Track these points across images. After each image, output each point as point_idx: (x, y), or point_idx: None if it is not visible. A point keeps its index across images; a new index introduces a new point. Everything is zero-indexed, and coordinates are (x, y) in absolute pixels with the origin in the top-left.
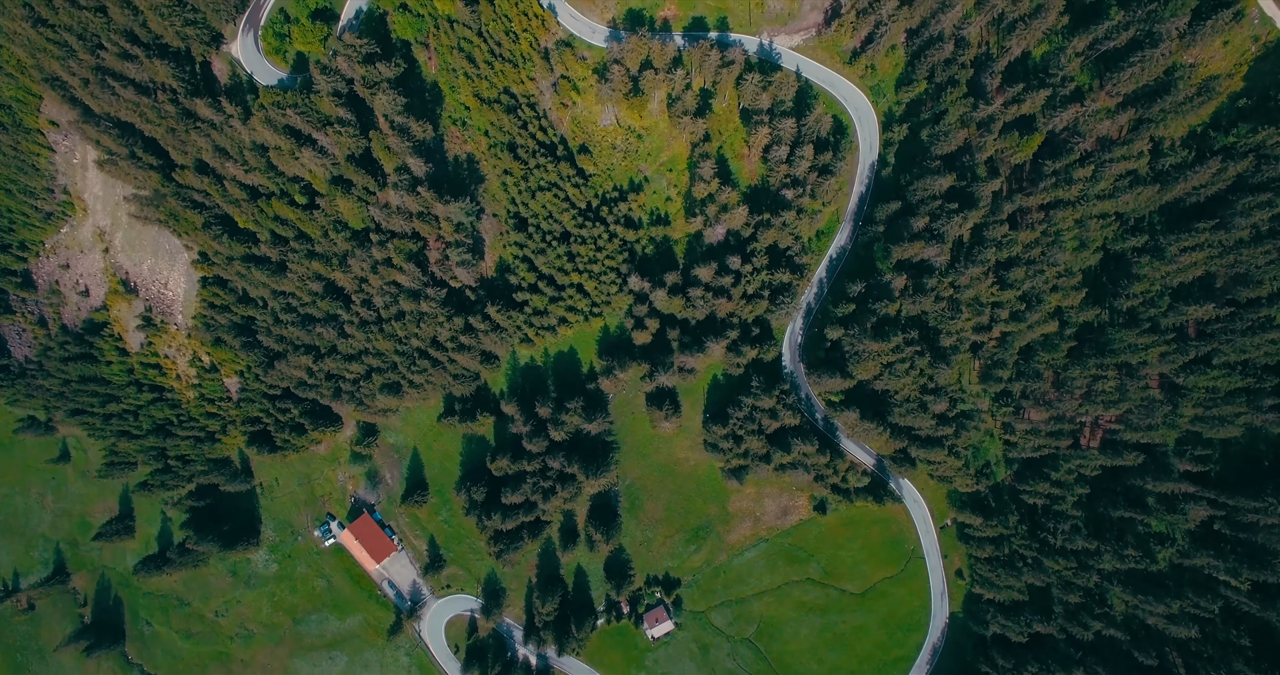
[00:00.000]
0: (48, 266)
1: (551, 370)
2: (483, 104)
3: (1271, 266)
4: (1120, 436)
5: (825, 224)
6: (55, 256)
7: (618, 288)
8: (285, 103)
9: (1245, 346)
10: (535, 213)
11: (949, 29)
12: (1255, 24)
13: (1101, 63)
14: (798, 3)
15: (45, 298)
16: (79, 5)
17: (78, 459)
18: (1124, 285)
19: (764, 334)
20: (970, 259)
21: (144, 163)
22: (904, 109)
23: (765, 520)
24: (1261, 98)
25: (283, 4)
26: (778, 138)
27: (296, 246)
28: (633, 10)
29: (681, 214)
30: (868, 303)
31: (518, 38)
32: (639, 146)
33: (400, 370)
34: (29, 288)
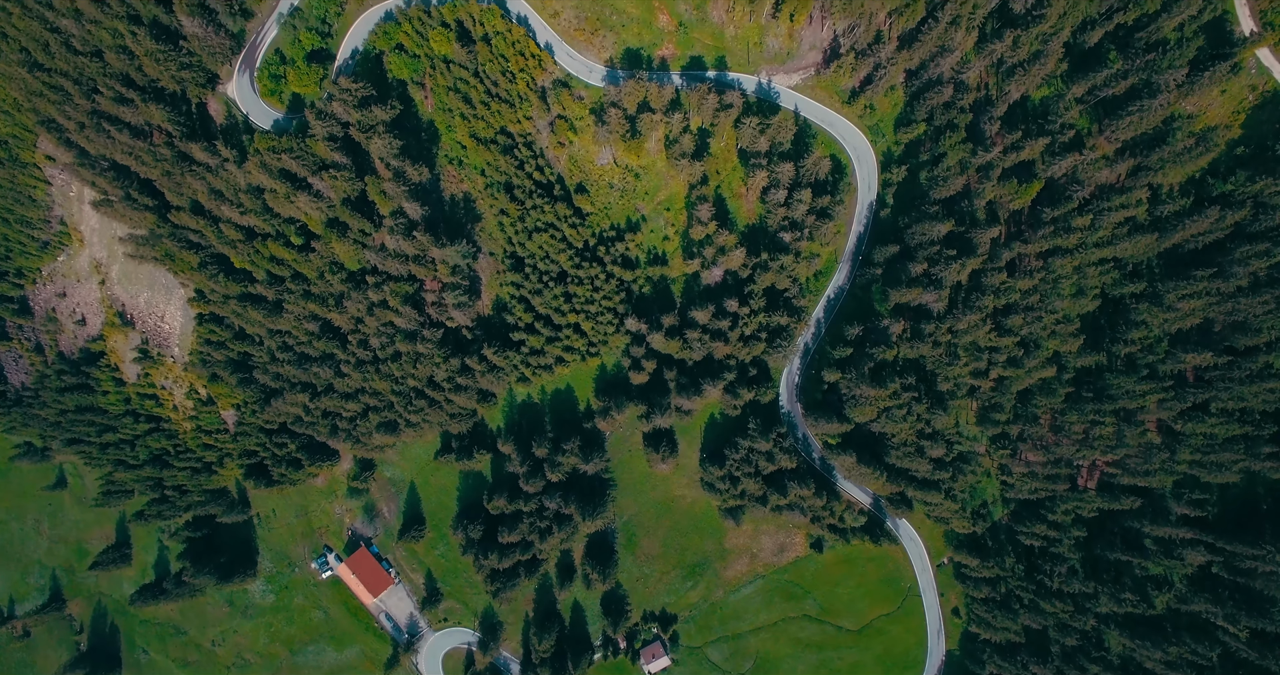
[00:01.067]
0: (44, 293)
1: (548, 407)
2: (479, 144)
3: (1270, 316)
4: (1117, 480)
5: (823, 264)
6: (52, 284)
7: (614, 328)
8: (280, 147)
9: (1243, 394)
10: (532, 253)
11: (948, 72)
12: (1252, 74)
13: (1101, 108)
14: (796, 42)
15: (42, 325)
16: (75, 51)
17: (74, 486)
18: (1122, 331)
19: (761, 375)
20: (968, 305)
21: (139, 204)
22: (903, 149)
23: (762, 557)
24: (1259, 146)
25: (278, 45)
26: (775, 181)
27: (292, 286)
28: (630, 49)
29: (679, 253)
30: (865, 347)
31: (514, 78)
32: (636, 185)
33: (397, 409)
34: (25, 314)
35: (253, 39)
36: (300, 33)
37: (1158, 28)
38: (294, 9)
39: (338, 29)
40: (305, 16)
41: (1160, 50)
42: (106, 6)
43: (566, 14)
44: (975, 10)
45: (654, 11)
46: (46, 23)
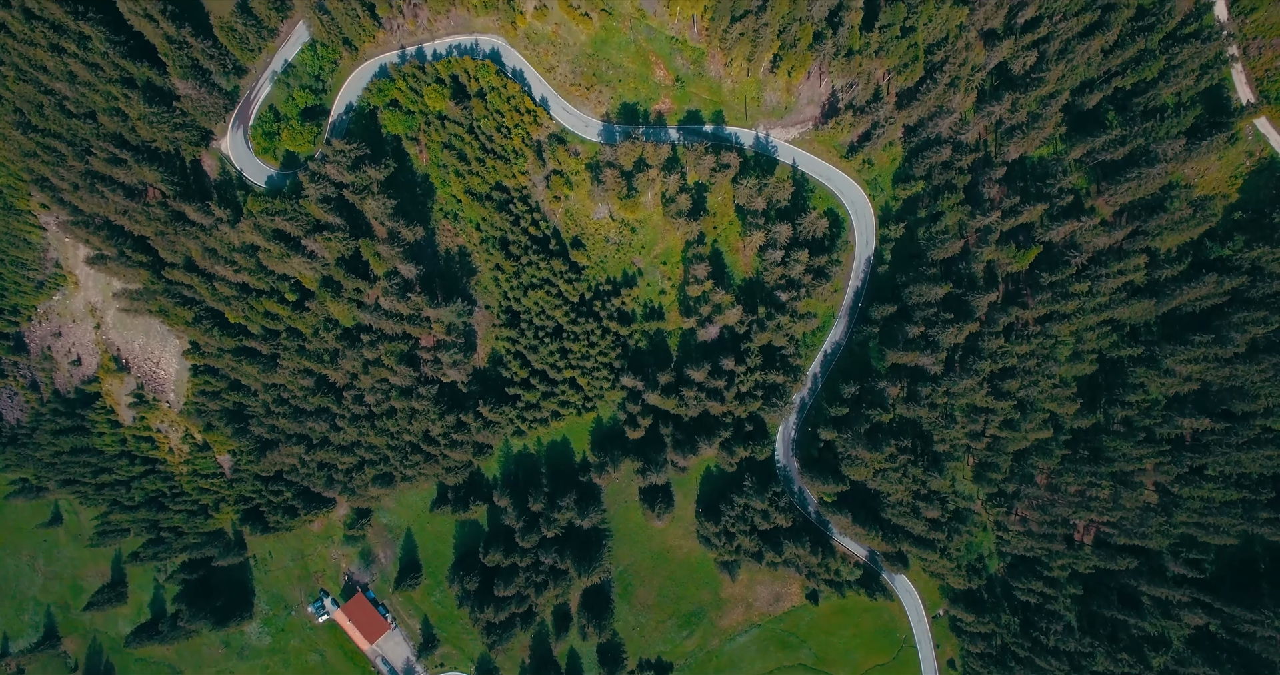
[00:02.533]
0: (40, 331)
1: (545, 458)
2: (474, 199)
3: (1267, 383)
4: (1114, 539)
5: (820, 319)
6: (48, 322)
7: (610, 384)
8: (274, 209)
9: (1240, 460)
10: (528, 308)
11: (946, 132)
12: (1249, 140)
13: (1100, 169)
14: (794, 97)
15: (37, 363)
16: (69, 113)
17: (70, 522)
18: (1119, 393)
19: (757, 431)
20: (965, 369)
21: (133, 261)
22: (901, 205)
23: (757, 606)
24: (1257, 212)
25: (272, 101)
26: (773, 240)
27: (287, 342)
28: (627, 104)
29: (675, 307)
30: (861, 407)
31: (509, 133)
32: (632, 239)
33: (393, 463)
34: (21, 352)
35: (247, 95)
36: (294, 90)
37: (1156, 94)
38: (287, 66)
39: (331, 84)
40: (298, 74)
41: (1159, 117)
42: (100, 70)
43: (562, 68)
44: (974, 73)
45: (650, 66)
46: (41, 86)
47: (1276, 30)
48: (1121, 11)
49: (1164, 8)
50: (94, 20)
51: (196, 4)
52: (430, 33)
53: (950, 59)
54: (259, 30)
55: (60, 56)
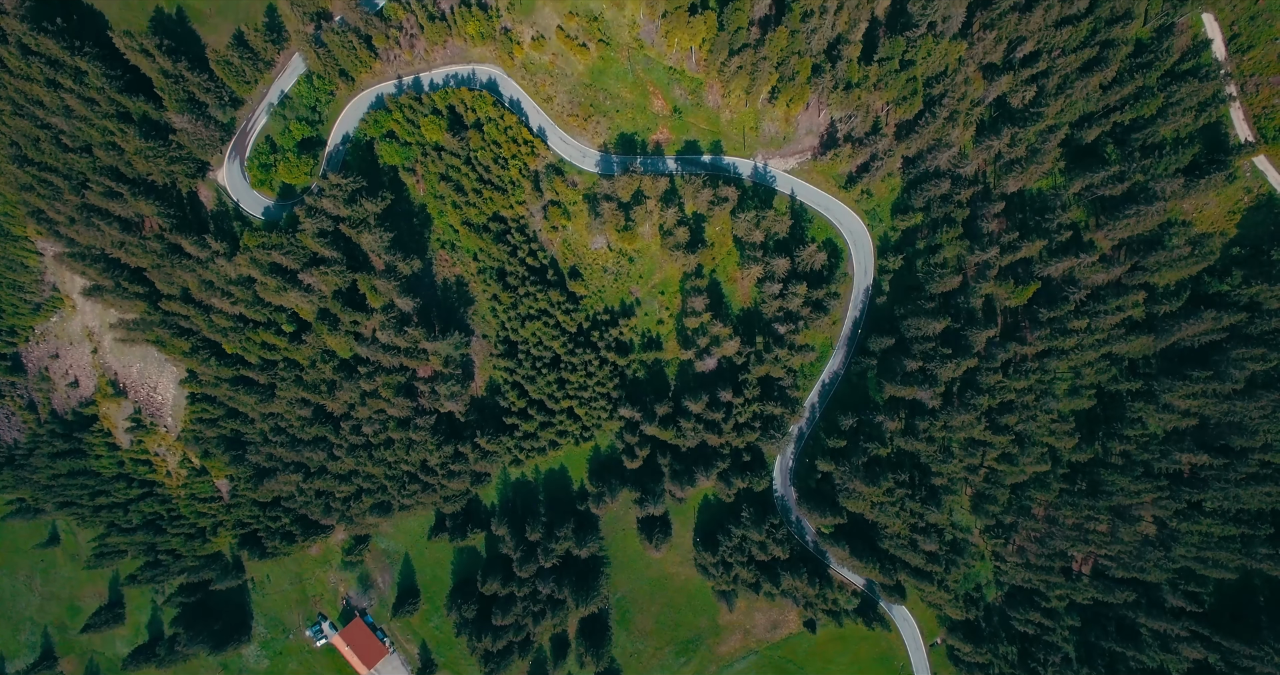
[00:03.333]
0: (37, 352)
1: (542, 486)
2: (471, 230)
3: (1266, 420)
4: (1112, 572)
5: (819, 349)
6: (45, 343)
7: (608, 414)
8: (270, 243)
9: (1240, 496)
10: (525, 339)
11: (945, 165)
12: (1247, 176)
13: (1099, 203)
14: (792, 127)
15: (35, 383)
16: (65, 147)
17: (67, 542)
18: (1118, 428)
19: (755, 461)
20: (963, 405)
21: (129, 292)
22: (900, 235)
23: (755, 633)
24: (1255, 248)
25: (269, 132)
26: (771, 273)
27: (284, 373)
28: (624, 134)
29: (673, 336)
30: (859, 440)
31: (506, 164)
32: (630, 269)
33: (390, 492)
34: (18, 372)
35: (243, 126)
36: (290, 123)
37: (1154, 130)
38: (283, 97)
39: (328, 115)
40: (294, 106)
41: (1157, 154)
42: (96, 105)
43: (560, 98)
44: (973, 107)
45: (648, 96)
46: (37, 120)
47: (1273, 68)
48: (1120, 48)
49: (1162, 45)
50: (90, 55)
51: (192, 37)
52: (427, 63)
53: (949, 93)
54: (255, 62)
55: (56, 91)
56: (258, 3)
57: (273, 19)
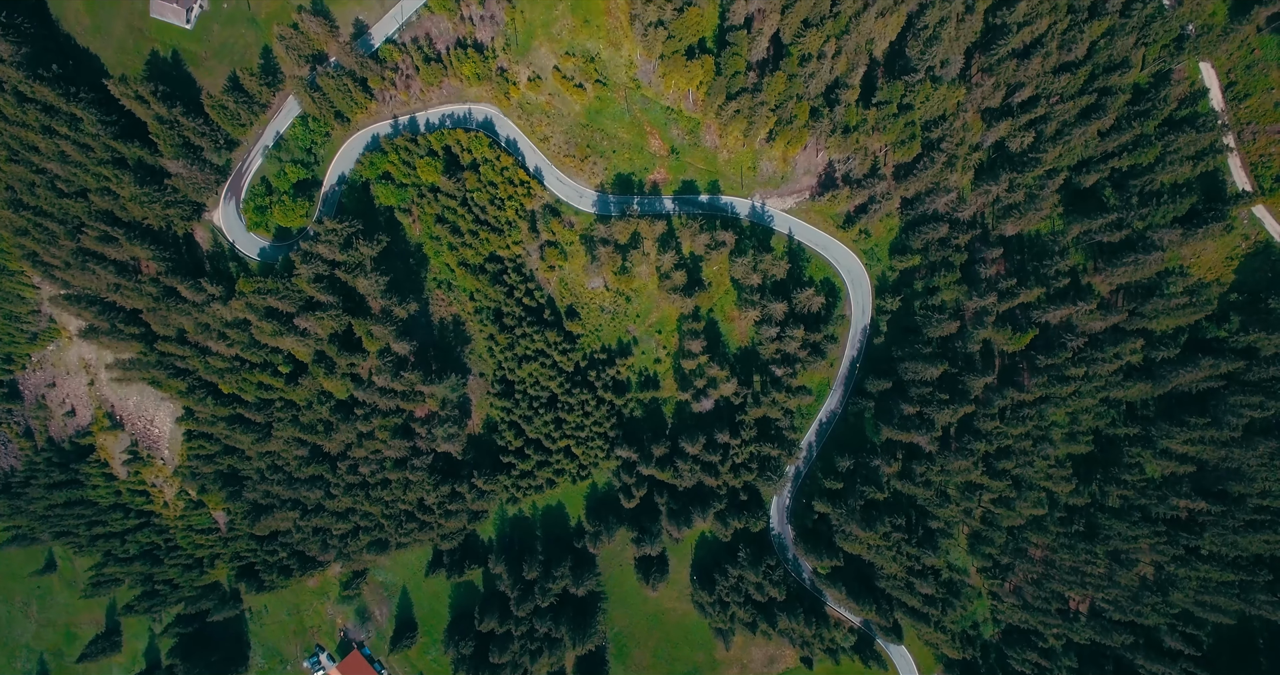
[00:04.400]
0: (34, 380)
1: (540, 521)
2: (468, 271)
3: (1264, 468)
4: (1109, 614)
5: (816, 388)
6: (41, 371)
7: (605, 454)
8: (265, 288)
9: (1237, 542)
10: (522, 379)
11: (943, 208)
12: (1245, 224)
13: (1097, 247)
14: (790, 166)
15: (31, 411)
16: (60, 193)
17: (64, 569)
18: (1115, 472)
19: (752, 501)
20: (960, 451)
21: (125, 334)
22: (898, 276)
23: (752, 668)
24: (1253, 296)
25: (264, 173)
26: (768, 317)
27: (281, 413)
28: (621, 174)
29: (671, 374)
30: (856, 482)
31: (503, 205)
32: (627, 308)
33: (387, 530)
34: (15, 399)
35: (239, 167)
36: (285, 165)
37: (1152, 178)
38: (279, 139)
39: (323, 155)
40: (290, 148)
41: (1155, 201)
42: (91, 151)
43: (556, 138)
44: (971, 152)
45: (645, 136)
46: (32, 165)
47: (1270, 117)
48: (1118, 96)
49: (1160, 93)
50: (85, 101)
51: (188, 79)
52: (423, 103)
53: (947, 137)
54: (250, 106)
55: (51, 137)
56: (253, 45)
57: (268, 61)
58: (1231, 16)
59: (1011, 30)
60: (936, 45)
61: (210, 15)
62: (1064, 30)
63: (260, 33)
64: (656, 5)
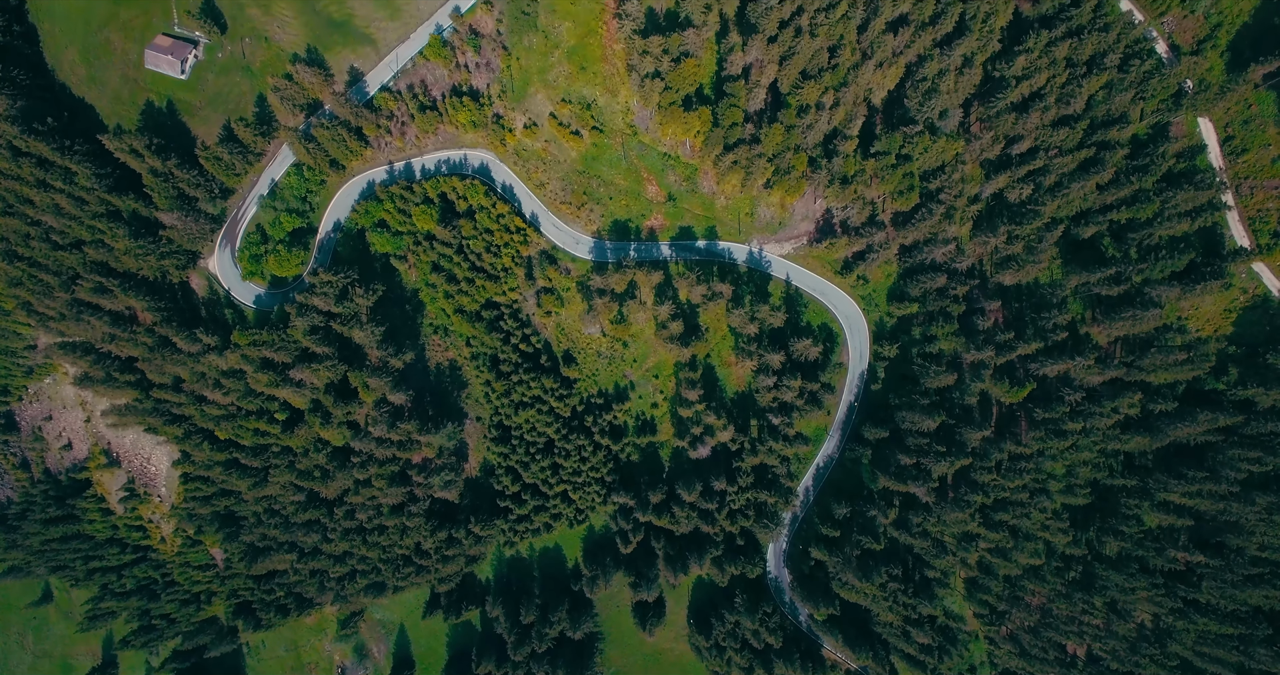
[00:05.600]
0: (31, 412)
1: (537, 563)
2: (464, 318)
3: (1262, 523)
4: (1107, 664)
5: (813, 432)
6: (38, 403)
7: (601, 499)
8: (261, 340)
9: (1236, 596)
10: (519, 425)
11: (940, 258)
12: (1243, 277)
13: (1096, 299)
14: (788, 212)
15: (28, 443)
16: (55, 245)
17: (60, 600)
18: (1112, 523)
19: (749, 545)
20: (957, 502)
21: (120, 382)
22: (895, 322)
23: None
24: (1250, 350)
25: (259, 221)
26: (765, 367)
27: (278, 460)
28: (618, 221)
29: (668, 418)
30: (852, 530)
31: (499, 252)
32: (624, 353)
33: (384, 574)
34: (11, 431)
35: (234, 214)
36: (280, 215)
37: (1151, 233)
38: (273, 187)
39: (318, 202)
40: (284, 197)
41: (1153, 256)
42: (85, 204)
43: (553, 185)
44: (970, 204)
45: (642, 182)
46: (27, 218)
47: (1267, 172)
48: (1116, 151)
49: (1158, 149)
50: (79, 154)
51: (182, 129)
52: (419, 149)
53: (946, 189)
54: (245, 155)
55: (46, 191)
56: (248, 94)
57: (263, 109)
58: (1228, 71)
59: (1010, 84)
60: (935, 97)
61: (205, 65)
62: (1062, 84)
63: (255, 81)
64: (653, 57)
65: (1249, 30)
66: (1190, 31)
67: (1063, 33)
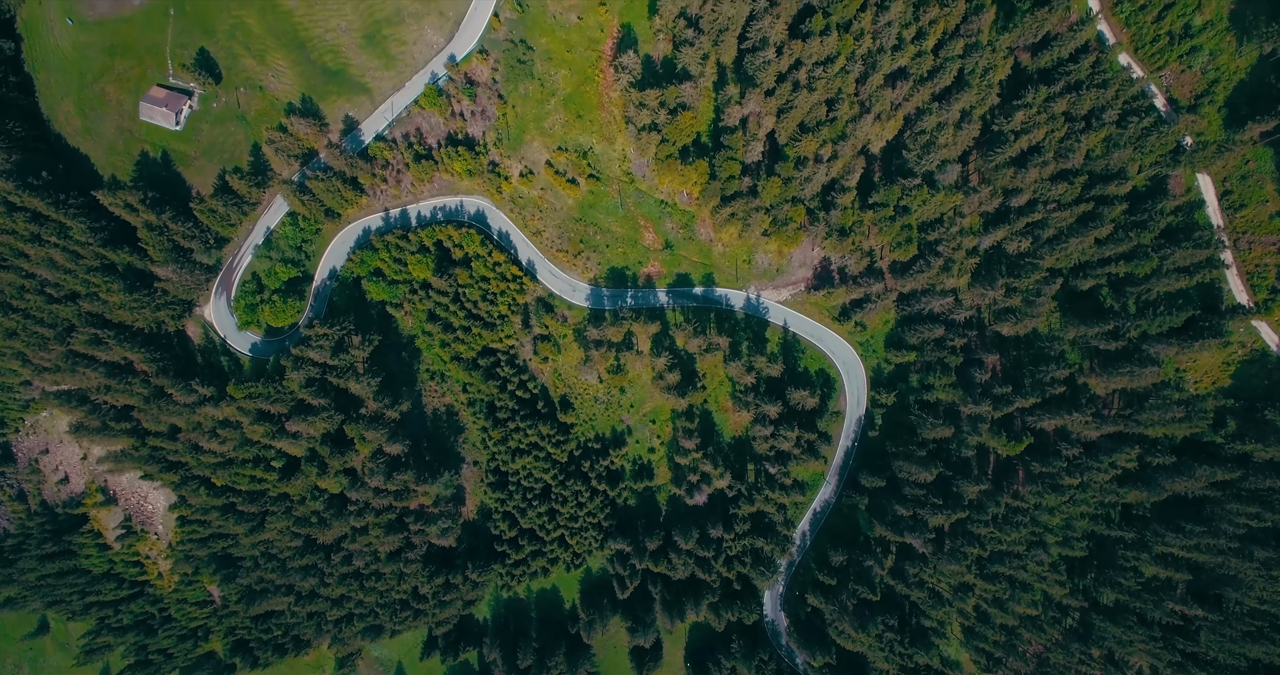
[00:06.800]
0: (27, 444)
1: (534, 604)
2: (460, 366)
3: (1261, 578)
4: None
5: (810, 478)
6: (35, 436)
7: (599, 544)
8: (256, 393)
9: (1235, 651)
10: (515, 471)
11: (938, 309)
12: (1241, 331)
13: (1095, 350)
14: (786, 259)
15: (25, 474)
16: (50, 298)
17: (57, 631)
18: (1110, 574)
19: (746, 590)
20: (953, 554)
21: (116, 430)
22: (893, 369)
23: None
24: (1249, 404)
25: (254, 269)
26: (762, 417)
27: (274, 508)
28: (615, 268)
29: (665, 462)
30: (849, 579)
31: (495, 299)
32: (621, 399)
33: (382, 617)
34: (8, 462)
35: (229, 262)
36: (275, 265)
37: (1149, 288)
38: (269, 236)
39: (314, 250)
40: (279, 247)
41: (1152, 312)
42: (80, 258)
43: (549, 233)
44: (968, 257)
45: (639, 230)
46: (21, 271)
47: (1265, 228)
48: (1115, 206)
49: (1156, 206)
50: (74, 208)
51: (177, 179)
52: (414, 196)
53: (944, 241)
54: (240, 206)
55: (40, 246)
56: (243, 143)
57: (258, 158)
58: (1226, 127)
59: (1009, 139)
60: (934, 150)
61: (200, 115)
62: (1061, 139)
63: (250, 130)
64: (649, 110)
65: (1245, 87)
66: (1188, 86)
67: (1061, 88)
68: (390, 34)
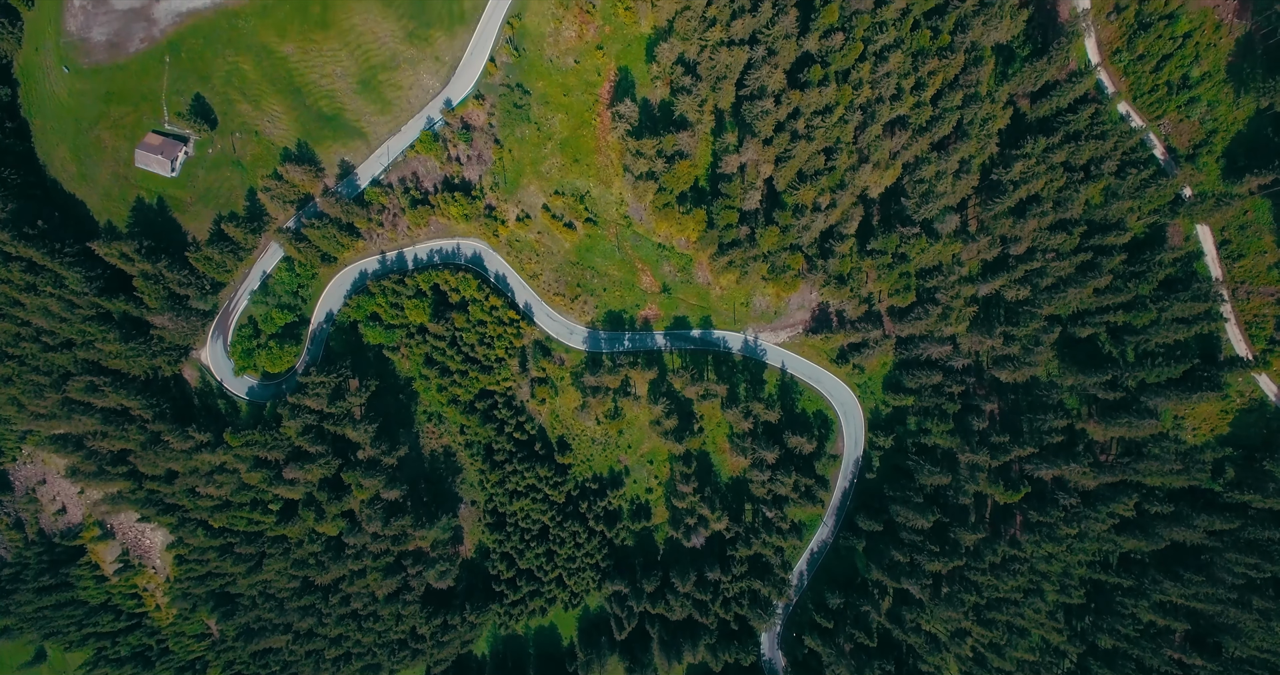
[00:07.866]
0: (25, 472)
1: (532, 641)
2: (457, 409)
3: (1260, 628)
4: None
5: (808, 519)
6: (32, 465)
7: (596, 584)
8: (253, 440)
9: None
10: (513, 512)
11: (936, 355)
12: (1239, 381)
13: (1093, 399)
14: (784, 302)
15: (22, 503)
16: (45, 346)
17: (55, 661)
18: (1108, 621)
19: (743, 630)
20: (951, 601)
21: (112, 474)
22: (891, 411)
23: None
24: (1248, 453)
25: (251, 313)
26: (759, 462)
27: (271, 550)
28: (612, 312)
29: (662, 503)
30: (845, 623)
31: (492, 343)
32: (619, 440)
33: (379, 657)
34: (6, 490)
35: (225, 306)
36: (271, 310)
37: (1148, 339)
38: (265, 281)
39: (310, 294)
40: (275, 292)
41: (1150, 362)
42: (75, 307)
43: (546, 276)
44: (967, 306)
45: (637, 273)
46: (17, 320)
47: (1263, 278)
48: (1114, 256)
49: (1155, 256)
50: (69, 257)
51: (173, 225)
52: (410, 239)
53: (942, 289)
54: (236, 252)
55: (36, 295)
56: (238, 188)
57: (253, 204)
58: (1224, 177)
59: (1008, 189)
60: (933, 200)
61: (195, 161)
62: (1060, 188)
63: (245, 175)
64: (647, 159)
65: (1244, 138)
66: (1187, 135)
67: (1060, 139)
68: (386, 79)
